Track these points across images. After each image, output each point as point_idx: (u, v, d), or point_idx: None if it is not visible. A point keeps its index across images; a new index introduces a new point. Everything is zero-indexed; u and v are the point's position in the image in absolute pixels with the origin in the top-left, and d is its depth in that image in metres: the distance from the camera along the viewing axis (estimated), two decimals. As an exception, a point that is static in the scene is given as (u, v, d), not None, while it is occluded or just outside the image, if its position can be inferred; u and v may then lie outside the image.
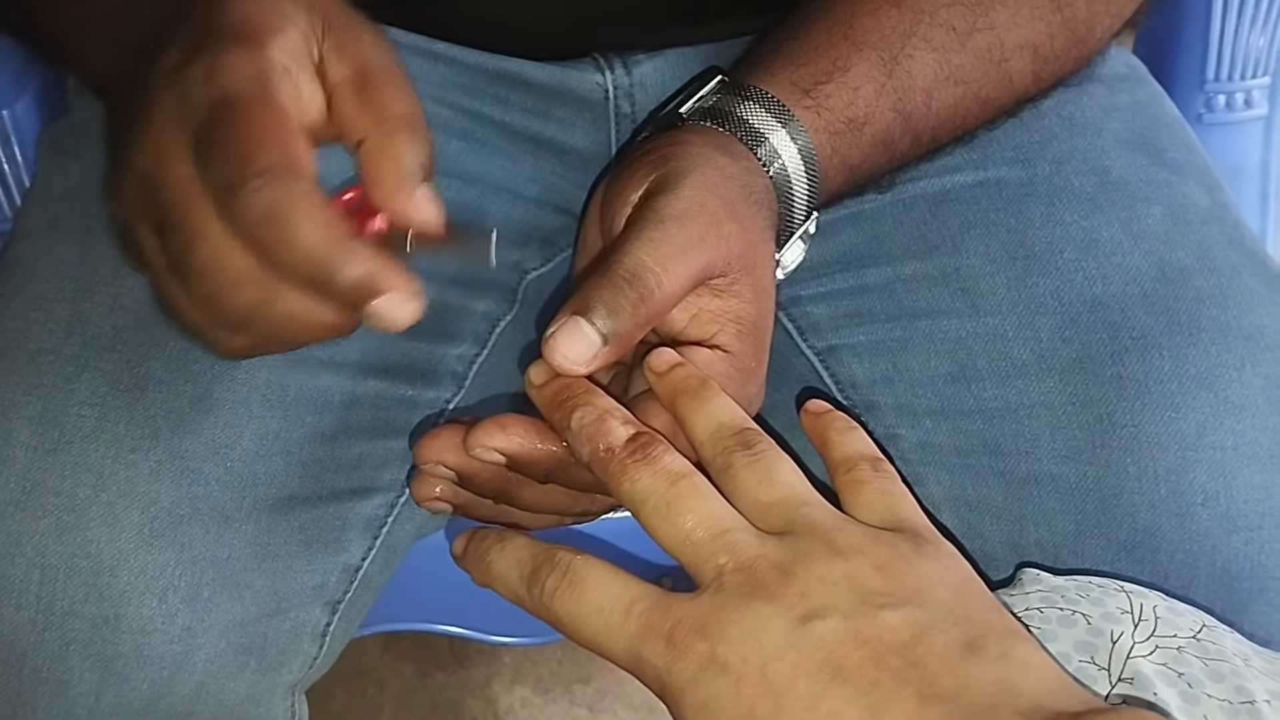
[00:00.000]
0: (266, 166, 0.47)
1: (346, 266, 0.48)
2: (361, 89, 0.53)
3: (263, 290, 0.49)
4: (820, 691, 0.44)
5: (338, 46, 0.53)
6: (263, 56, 0.50)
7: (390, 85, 0.53)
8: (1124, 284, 0.68)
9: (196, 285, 0.50)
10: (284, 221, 0.47)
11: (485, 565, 0.52)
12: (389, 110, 0.52)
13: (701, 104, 0.64)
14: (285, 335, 0.52)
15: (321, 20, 0.53)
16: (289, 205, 0.47)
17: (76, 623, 0.61)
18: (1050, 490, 0.65)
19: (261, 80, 0.50)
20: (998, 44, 0.66)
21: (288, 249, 0.47)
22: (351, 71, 0.53)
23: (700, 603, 0.47)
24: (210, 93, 0.49)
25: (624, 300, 0.54)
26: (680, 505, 0.50)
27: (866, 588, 0.47)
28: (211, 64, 0.49)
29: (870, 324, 0.73)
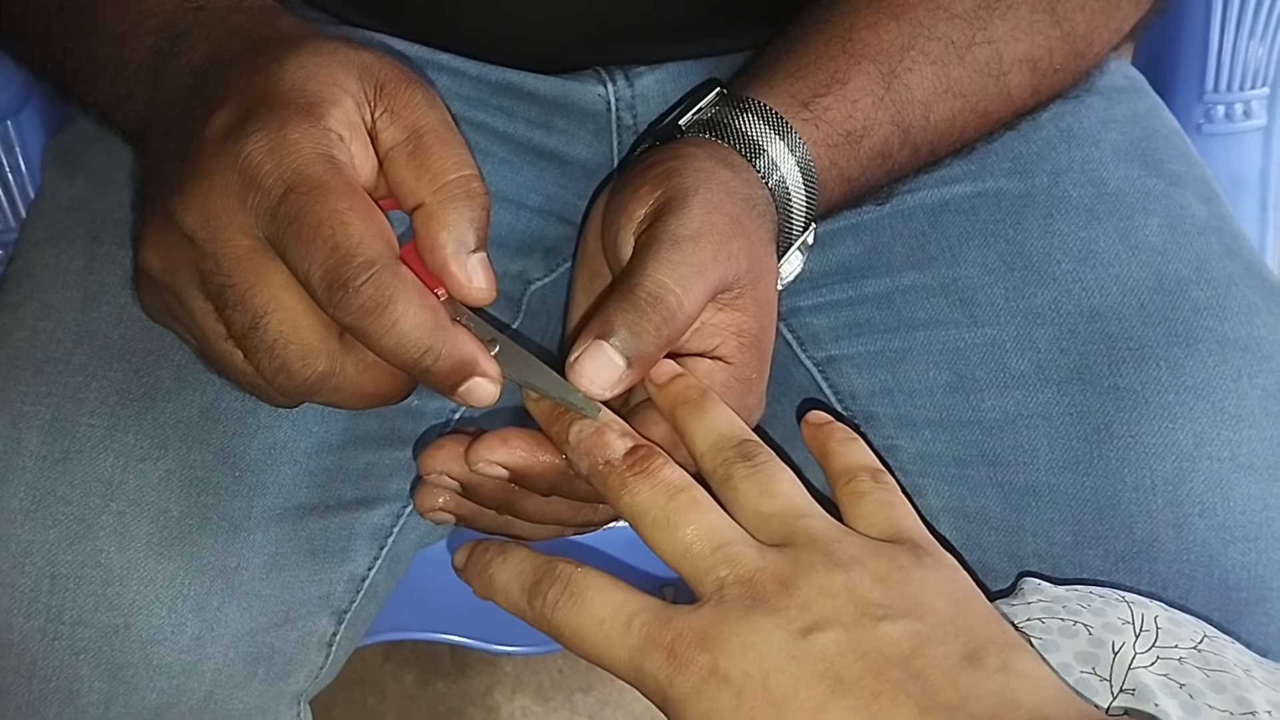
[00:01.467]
0: (371, 260, 0.49)
1: (448, 355, 0.51)
2: (415, 153, 0.54)
3: (334, 361, 0.53)
4: (821, 703, 0.45)
5: (390, 110, 0.54)
6: (324, 133, 0.52)
7: (446, 148, 0.54)
8: (1121, 295, 0.68)
9: (266, 358, 0.52)
10: (393, 312, 0.49)
11: (487, 578, 0.53)
12: (445, 175, 0.53)
13: (700, 116, 0.65)
14: (344, 402, 0.54)
15: (374, 83, 0.54)
16: (396, 296, 0.50)
17: (86, 632, 0.61)
18: (1048, 501, 0.66)
19: (330, 159, 0.51)
20: (996, 58, 0.67)
21: (395, 337, 0.50)
22: (405, 135, 0.54)
23: (701, 615, 0.48)
24: (281, 174, 0.50)
25: (647, 323, 0.54)
26: (680, 518, 0.50)
27: (867, 599, 0.47)
28: (273, 138, 0.50)
29: (869, 335, 0.73)
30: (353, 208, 0.50)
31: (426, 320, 0.50)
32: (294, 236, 0.49)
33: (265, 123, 0.51)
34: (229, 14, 0.59)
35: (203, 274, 0.52)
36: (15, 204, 0.89)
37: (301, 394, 0.53)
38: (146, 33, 0.59)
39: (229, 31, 0.58)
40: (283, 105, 0.52)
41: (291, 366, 0.52)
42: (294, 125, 0.51)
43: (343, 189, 0.50)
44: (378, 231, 0.50)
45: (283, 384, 0.52)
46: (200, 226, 0.51)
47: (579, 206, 0.81)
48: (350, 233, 0.49)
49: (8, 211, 0.89)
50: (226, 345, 0.54)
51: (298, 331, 0.51)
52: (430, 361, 0.51)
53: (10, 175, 0.89)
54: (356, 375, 0.53)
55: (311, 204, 0.49)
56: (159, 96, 0.58)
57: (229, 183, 0.50)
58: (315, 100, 0.52)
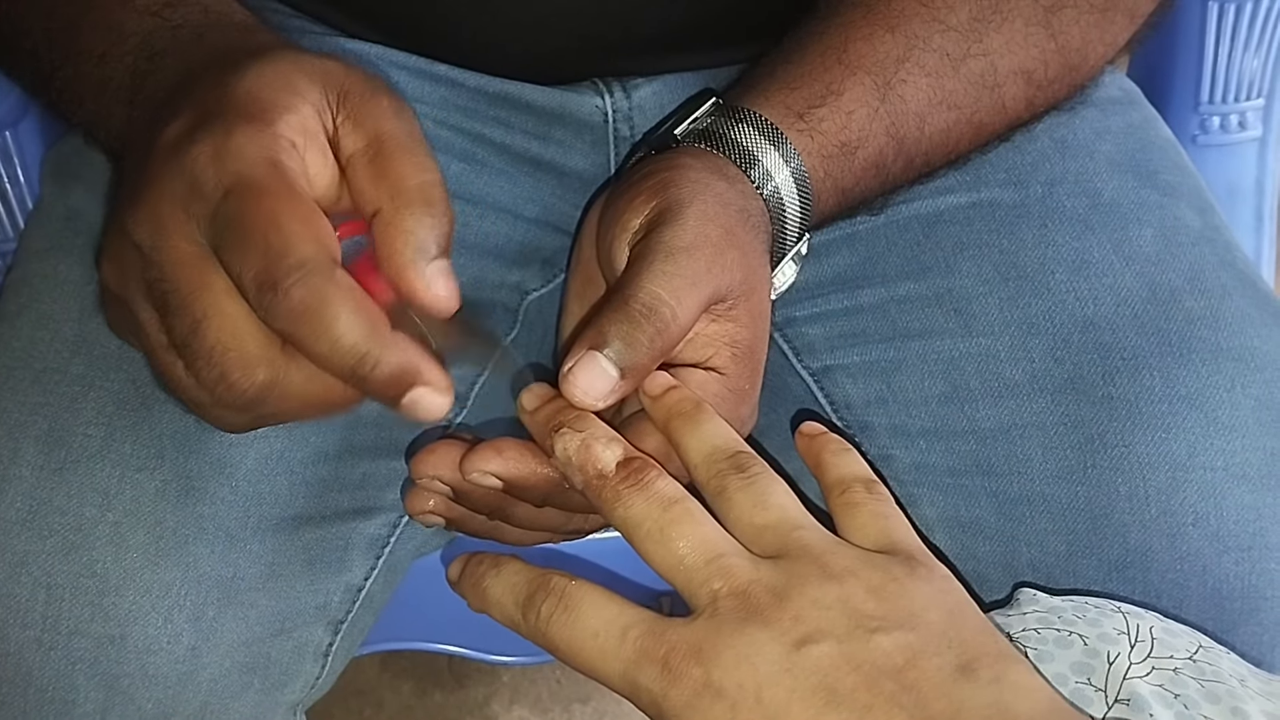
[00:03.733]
0: (302, 261, 0.47)
1: (386, 361, 0.48)
2: (375, 160, 0.52)
3: (275, 370, 0.50)
4: (815, 716, 0.45)
5: (353, 117, 0.53)
6: (271, 136, 0.50)
7: (407, 155, 0.52)
8: (1115, 305, 0.68)
9: (205, 366, 0.50)
10: (324, 315, 0.47)
11: (481, 591, 0.53)
12: (404, 182, 0.52)
13: (695, 126, 0.65)
14: (292, 413, 0.52)
15: (337, 91, 0.53)
16: (328, 298, 0.47)
17: (82, 642, 0.61)
18: (1042, 510, 0.66)
19: (274, 163, 0.49)
20: (991, 70, 0.67)
21: (327, 342, 0.48)
22: (366, 142, 0.53)
23: (695, 628, 0.48)
24: (221, 177, 0.49)
25: (641, 334, 0.54)
26: (674, 530, 0.50)
27: (860, 611, 0.47)
28: (218, 144, 0.49)
29: (864, 345, 0.73)
30: (289, 210, 0.48)
31: (361, 325, 0.48)
32: (230, 240, 0.48)
33: (213, 129, 0.50)
34: (206, 31, 0.59)
35: (148, 282, 0.51)
36: (14, 214, 0.89)
37: (244, 405, 0.51)
38: (126, 52, 0.59)
39: (204, 49, 0.58)
40: (234, 112, 0.51)
41: (231, 375, 0.49)
42: (240, 131, 0.50)
43: (281, 192, 0.49)
44: (313, 235, 0.48)
45: (224, 395, 0.50)
46: (148, 235, 0.50)
47: (576, 217, 0.81)
48: (282, 234, 0.47)
49: (6, 222, 0.90)
50: (169, 356, 0.52)
51: (237, 338, 0.49)
52: (368, 369, 0.48)
53: (9, 186, 0.89)
54: (302, 384, 0.51)
55: (248, 207, 0.48)
56: (135, 115, 0.58)
57: (175, 190, 0.49)
58: (267, 106, 0.51)
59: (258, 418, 0.52)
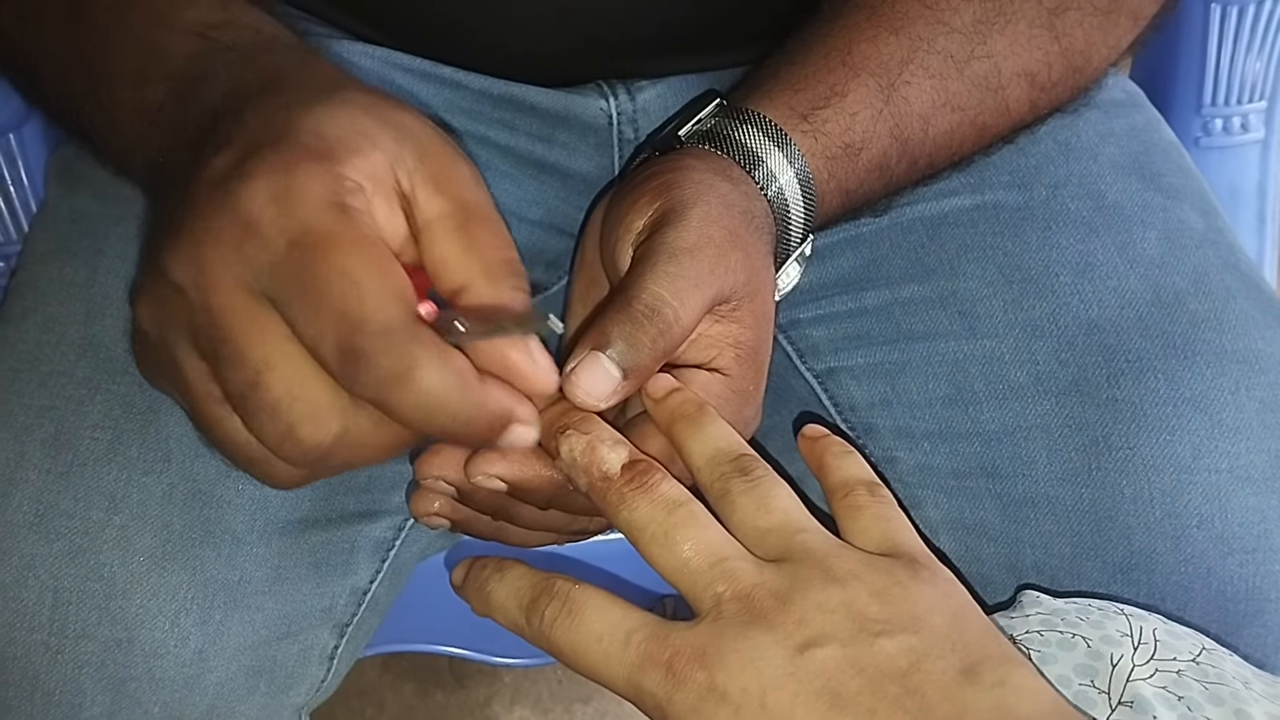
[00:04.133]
0: (386, 327, 0.44)
1: (480, 416, 0.47)
2: (463, 229, 0.49)
3: (346, 420, 0.47)
4: None
5: (434, 180, 0.49)
6: (336, 176, 0.47)
7: (496, 227, 0.50)
8: (1119, 307, 0.68)
9: (269, 420, 0.46)
10: (412, 382, 0.45)
11: (485, 595, 0.52)
12: (493, 255, 0.50)
13: (700, 127, 0.65)
14: (357, 463, 0.49)
15: (415, 148, 0.50)
16: (416, 363, 0.45)
17: (89, 645, 0.61)
18: (1047, 513, 0.66)
19: (341, 208, 0.46)
20: (995, 72, 0.67)
21: (419, 408, 0.45)
22: (451, 209, 0.50)
23: (699, 631, 0.48)
24: (284, 222, 0.45)
25: (643, 335, 0.54)
26: (678, 533, 0.50)
27: (864, 615, 0.47)
28: (278, 182, 0.46)
29: (869, 346, 0.73)
30: (365, 265, 0.45)
31: (453, 385, 0.45)
32: (299, 298, 0.45)
33: (272, 164, 0.46)
34: (257, 53, 0.55)
35: (195, 328, 0.47)
36: (18, 217, 0.90)
37: (312, 461, 0.47)
38: (168, 74, 0.55)
39: (255, 71, 0.54)
40: (295, 147, 0.47)
41: (300, 430, 0.46)
42: (303, 169, 0.46)
43: (353, 243, 0.45)
44: (393, 291, 0.45)
45: (290, 452, 0.47)
46: (192, 277, 0.46)
47: (580, 219, 0.81)
48: (363, 297, 0.44)
49: (10, 225, 0.90)
50: (223, 410, 0.48)
51: (305, 389, 0.46)
52: (461, 426, 0.47)
53: (13, 189, 0.89)
54: (371, 432, 0.47)
55: (318, 261, 0.44)
56: (175, 141, 0.53)
57: (224, 228, 0.46)
58: (334, 145, 0.47)
59: (317, 472, 0.50)
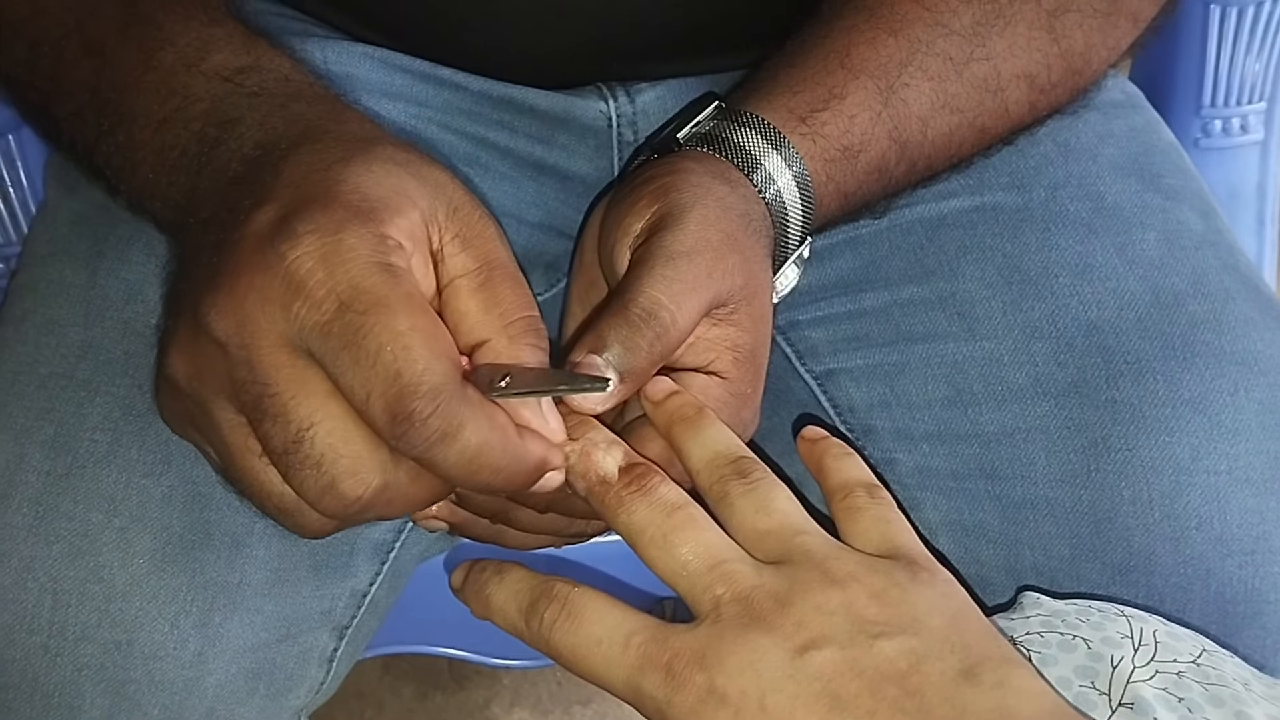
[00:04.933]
0: (436, 389, 0.46)
1: (522, 469, 0.49)
2: (485, 286, 0.51)
3: (387, 475, 0.48)
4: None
5: (462, 237, 0.51)
6: (382, 240, 0.48)
7: (516, 285, 0.52)
8: (1118, 309, 0.68)
9: (312, 474, 0.47)
10: (459, 440, 0.47)
11: (484, 597, 0.53)
12: (514, 313, 0.51)
13: (698, 129, 0.65)
14: (392, 514, 0.51)
15: (447, 204, 0.51)
16: (464, 424, 0.47)
17: (88, 648, 0.61)
18: (1046, 514, 0.66)
19: (390, 270, 0.47)
20: (994, 74, 0.67)
21: (463, 466, 0.47)
22: (476, 265, 0.51)
23: (698, 634, 0.48)
24: (334, 285, 0.46)
25: (640, 338, 0.54)
26: (676, 536, 0.50)
27: (863, 617, 0.47)
28: (327, 243, 0.47)
29: (868, 348, 0.73)
30: (415, 327, 0.46)
31: (496, 443, 0.48)
32: (350, 361, 0.46)
33: (319, 224, 0.47)
34: (288, 101, 0.56)
35: (236, 383, 0.48)
36: (17, 219, 0.89)
37: (351, 515, 0.49)
38: (192, 118, 0.56)
39: (287, 120, 0.54)
40: (340, 206, 0.47)
41: (341, 485, 0.47)
42: (351, 229, 0.47)
43: (403, 305, 0.46)
44: (442, 352, 0.47)
45: (330, 505, 0.48)
46: (234, 332, 0.47)
47: (579, 222, 0.80)
48: (413, 359, 0.46)
49: (9, 226, 0.90)
50: (259, 462, 0.49)
51: (348, 444, 0.47)
52: (502, 479, 0.49)
53: (12, 190, 0.89)
54: (408, 485, 0.49)
55: (369, 324, 0.46)
56: (201, 185, 0.54)
57: (270, 286, 0.46)
58: (378, 205, 0.48)
59: (349, 522, 0.51)
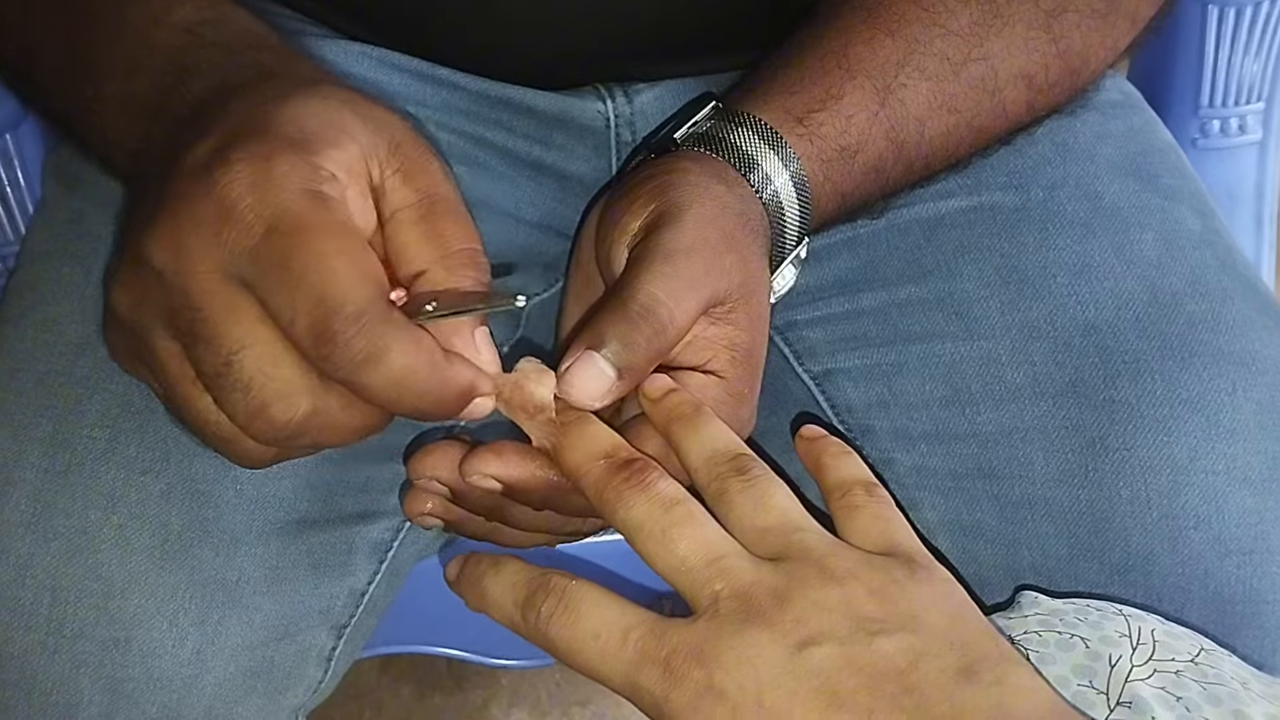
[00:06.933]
0: (360, 310, 0.46)
1: (446, 394, 0.49)
2: (425, 218, 0.52)
3: (316, 399, 0.49)
4: (817, 719, 0.45)
5: (404, 171, 0.52)
6: (314, 169, 0.48)
7: (458, 218, 0.52)
8: (1116, 309, 0.68)
9: (242, 399, 0.48)
10: (384, 363, 0.47)
11: (480, 590, 0.52)
12: (454, 245, 0.51)
13: (695, 130, 0.65)
14: (327, 442, 0.51)
15: (388, 140, 0.52)
16: (389, 346, 0.47)
17: (86, 645, 0.61)
18: (1044, 514, 0.66)
19: (318, 196, 0.48)
20: (991, 74, 0.67)
21: (389, 388, 0.47)
22: (416, 199, 0.52)
23: (696, 629, 0.48)
24: (262, 208, 0.47)
25: (638, 335, 0.54)
26: (675, 531, 0.50)
27: (861, 614, 0.47)
28: (258, 169, 0.47)
29: (865, 348, 0.73)
30: (340, 250, 0.47)
31: (422, 366, 0.48)
32: (275, 283, 0.46)
33: (251, 152, 0.48)
34: (243, 50, 0.57)
35: (171, 310, 0.48)
36: (15, 218, 0.89)
37: (282, 439, 0.49)
38: (153, 68, 0.57)
39: (240, 66, 0.56)
40: (274, 137, 0.48)
41: (271, 409, 0.48)
42: (282, 157, 0.48)
43: (329, 228, 0.47)
44: (367, 276, 0.47)
45: (261, 430, 0.48)
46: (170, 260, 0.48)
47: (577, 222, 0.80)
48: (337, 281, 0.46)
49: (8, 225, 0.89)
50: (195, 389, 0.50)
51: (277, 368, 0.47)
52: (429, 404, 0.48)
53: (9, 190, 0.89)
54: (341, 411, 0.49)
55: (295, 246, 0.46)
56: (154, 131, 0.55)
57: (203, 213, 0.47)
58: (312, 137, 0.49)
59: (286, 450, 0.52)
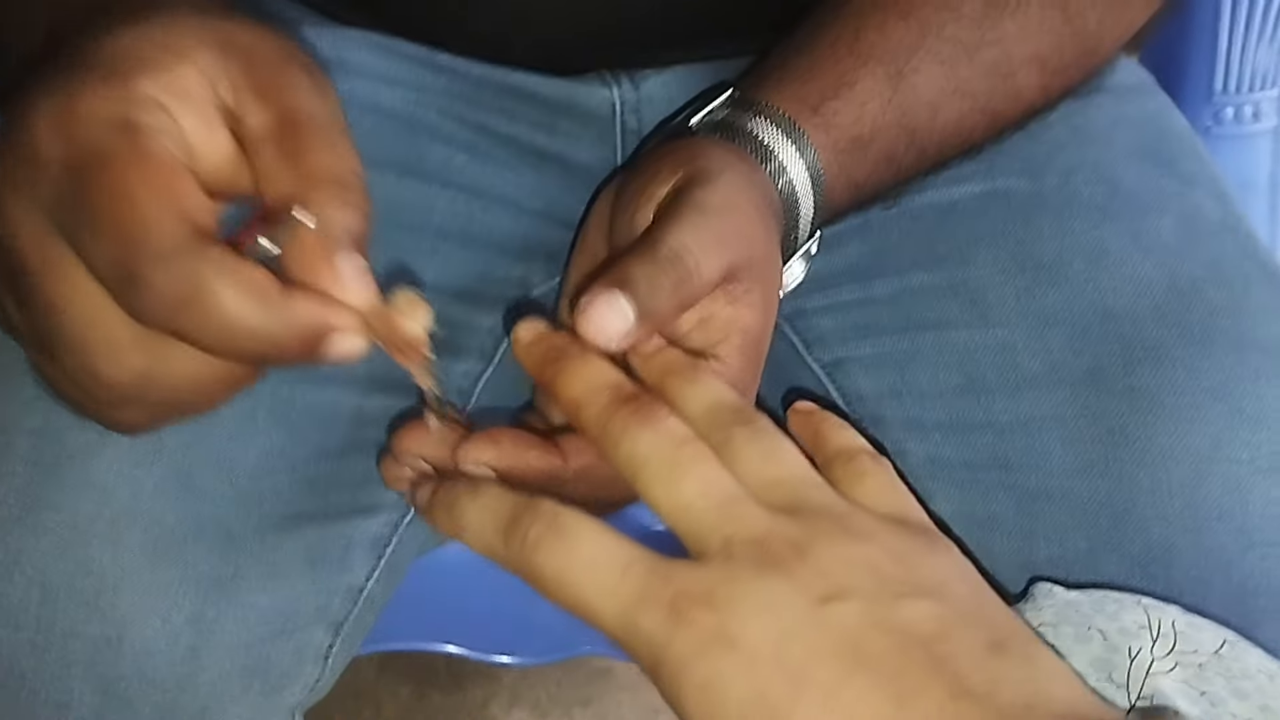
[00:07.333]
0: (164, 246, 0.41)
1: (287, 335, 0.42)
2: (286, 139, 0.45)
3: (150, 356, 0.44)
4: (840, 678, 0.41)
5: (260, 90, 0.45)
6: (124, 95, 0.43)
7: (322, 137, 0.45)
8: (1135, 295, 0.67)
9: (69, 359, 0.44)
10: (200, 305, 0.41)
11: (455, 514, 0.48)
12: (317, 166, 0.45)
13: (711, 118, 0.64)
14: (189, 402, 0.46)
15: (242, 59, 0.46)
16: (202, 284, 0.41)
17: (77, 644, 0.59)
18: (1062, 505, 0.65)
19: (125, 126, 0.43)
20: (1005, 57, 0.66)
21: (215, 333, 0.41)
22: (276, 120, 0.45)
23: (708, 572, 0.43)
24: (65, 148, 0.42)
25: (664, 279, 0.51)
26: (685, 469, 0.46)
27: (886, 575, 0.44)
28: (60, 108, 0.43)
29: (877, 336, 0.72)
30: (145, 182, 0.41)
31: (248, 303, 0.41)
32: (77, 227, 0.42)
33: (53, 90, 0.43)
34: None
35: (11, 274, 0.45)
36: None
37: (120, 400, 0.45)
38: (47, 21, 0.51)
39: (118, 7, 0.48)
40: (87, 71, 0.43)
41: (100, 369, 0.43)
42: (89, 91, 0.43)
43: (135, 162, 0.42)
44: (174, 208, 0.41)
45: (95, 392, 0.44)
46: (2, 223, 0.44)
47: (580, 211, 0.79)
48: (140, 217, 0.41)
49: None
50: (42, 356, 0.46)
51: (101, 324, 0.43)
52: (270, 347, 0.42)
53: None
54: (186, 364, 0.44)
55: (94, 184, 0.41)
56: None
57: (14, 168, 0.43)
58: (131, 64, 0.44)
59: (153, 413, 0.47)
